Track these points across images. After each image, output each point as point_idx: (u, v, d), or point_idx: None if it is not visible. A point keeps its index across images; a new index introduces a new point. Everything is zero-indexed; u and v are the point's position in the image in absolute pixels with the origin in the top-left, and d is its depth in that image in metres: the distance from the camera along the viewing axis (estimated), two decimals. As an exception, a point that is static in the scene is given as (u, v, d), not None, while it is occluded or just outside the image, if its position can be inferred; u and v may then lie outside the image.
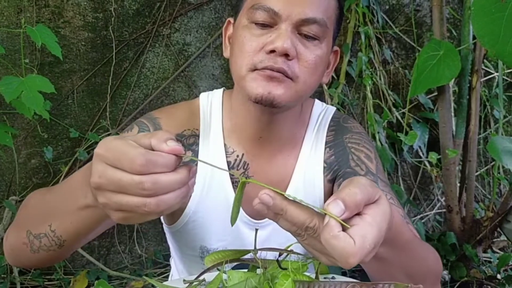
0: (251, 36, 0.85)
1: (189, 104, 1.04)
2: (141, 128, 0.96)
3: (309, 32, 0.84)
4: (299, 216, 0.54)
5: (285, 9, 0.83)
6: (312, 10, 0.84)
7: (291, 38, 0.82)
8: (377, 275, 0.76)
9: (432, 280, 0.83)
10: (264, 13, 0.83)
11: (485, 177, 2.62)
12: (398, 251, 0.70)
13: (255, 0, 0.86)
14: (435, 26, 1.83)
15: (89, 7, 2.19)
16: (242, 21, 0.88)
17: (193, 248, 1.02)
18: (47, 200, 0.79)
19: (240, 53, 0.86)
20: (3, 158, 2.20)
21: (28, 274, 2.23)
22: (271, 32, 0.84)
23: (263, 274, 0.68)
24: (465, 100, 1.88)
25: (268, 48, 0.82)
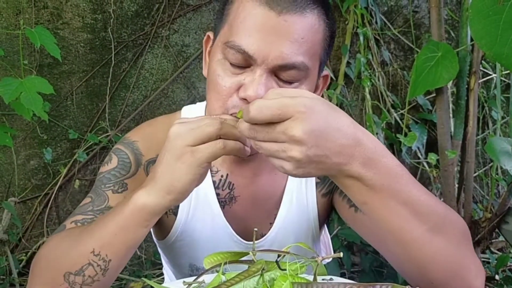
0: (224, 76, 0.79)
1: (169, 119, 0.99)
2: (120, 157, 0.92)
3: (287, 77, 0.78)
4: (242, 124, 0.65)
5: (260, 52, 0.75)
6: (291, 53, 0.75)
7: (265, 85, 0.76)
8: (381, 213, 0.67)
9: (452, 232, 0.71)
10: (238, 55, 0.76)
11: (483, 178, 2.63)
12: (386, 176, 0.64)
13: (230, 35, 0.78)
14: (433, 27, 1.83)
15: (88, 9, 2.20)
16: (217, 53, 0.81)
17: (182, 265, 1.01)
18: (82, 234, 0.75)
19: (214, 93, 0.81)
20: (2, 159, 2.20)
21: (27, 275, 2.23)
22: (246, 73, 0.78)
23: (262, 275, 0.68)
24: (463, 102, 1.88)
25: (240, 95, 0.77)
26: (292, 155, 0.60)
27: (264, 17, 0.75)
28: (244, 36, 0.76)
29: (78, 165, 2.28)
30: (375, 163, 0.63)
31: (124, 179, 0.89)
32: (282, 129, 0.59)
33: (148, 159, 0.93)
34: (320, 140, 0.60)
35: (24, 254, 2.28)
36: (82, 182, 2.32)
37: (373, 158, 0.63)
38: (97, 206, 0.86)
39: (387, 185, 0.65)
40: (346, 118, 0.63)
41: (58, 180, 2.26)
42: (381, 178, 0.64)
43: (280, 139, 0.60)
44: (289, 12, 0.74)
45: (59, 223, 2.32)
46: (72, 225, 0.83)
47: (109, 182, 0.88)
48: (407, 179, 0.68)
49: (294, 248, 0.72)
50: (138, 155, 0.93)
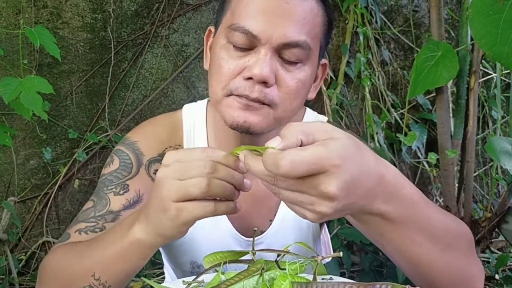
0: (228, 58, 0.80)
1: (170, 118, 1.00)
2: (121, 158, 0.92)
3: (291, 56, 0.79)
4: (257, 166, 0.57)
5: (264, 31, 0.77)
6: (294, 33, 0.77)
7: (270, 64, 0.77)
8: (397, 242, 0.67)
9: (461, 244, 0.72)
10: (242, 36, 0.78)
11: (483, 177, 2.63)
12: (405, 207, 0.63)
13: (233, 19, 0.80)
14: (433, 27, 1.84)
15: (88, 8, 2.19)
16: (220, 39, 0.82)
17: (184, 263, 1.01)
18: (85, 254, 0.76)
19: (216, 76, 0.82)
20: (1, 159, 2.20)
21: (27, 275, 2.23)
22: (249, 55, 0.79)
23: (261, 275, 0.68)
24: (463, 101, 1.88)
25: (245, 75, 0.78)
26: (321, 210, 0.55)
27: (266, 0, 0.77)
28: (248, 18, 0.78)
29: (77, 165, 2.28)
30: (395, 197, 0.62)
31: (125, 181, 0.90)
32: (314, 184, 0.54)
33: (149, 159, 0.93)
34: (351, 191, 0.56)
35: (23, 254, 2.28)
36: (81, 181, 2.32)
37: (394, 192, 0.62)
38: (99, 211, 0.86)
39: (405, 216, 0.64)
40: (371, 155, 0.60)
41: (57, 179, 2.26)
42: (400, 210, 0.63)
43: (310, 193, 0.55)
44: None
45: (58, 223, 2.32)
46: (76, 234, 0.84)
47: (111, 184, 0.89)
48: (423, 205, 0.67)
49: (294, 247, 0.72)
50: (139, 155, 0.93)
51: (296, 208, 0.58)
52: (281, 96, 0.80)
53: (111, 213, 0.86)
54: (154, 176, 0.93)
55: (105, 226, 0.84)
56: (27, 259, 2.28)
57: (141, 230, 0.69)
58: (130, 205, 0.87)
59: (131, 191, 0.89)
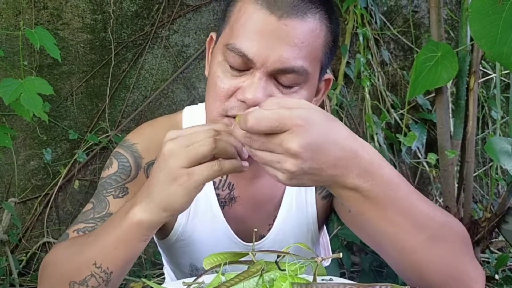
0: (223, 78, 0.79)
1: (170, 120, 1.00)
2: (120, 161, 0.92)
3: (286, 81, 0.77)
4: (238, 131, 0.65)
5: (259, 55, 0.74)
6: (290, 57, 0.75)
7: (264, 89, 0.75)
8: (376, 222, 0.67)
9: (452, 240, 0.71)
10: (238, 58, 0.76)
11: (483, 177, 2.63)
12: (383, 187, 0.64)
13: (230, 38, 0.78)
14: (432, 27, 1.84)
15: (88, 9, 2.20)
16: (218, 55, 0.81)
17: (183, 265, 1.02)
18: (86, 245, 0.77)
19: (212, 94, 0.81)
20: (2, 160, 2.20)
21: (27, 275, 2.23)
22: (245, 76, 0.77)
23: (261, 276, 0.68)
24: (463, 101, 1.88)
25: (239, 98, 0.77)
26: (286, 168, 0.60)
27: (264, 21, 0.74)
28: (244, 39, 0.75)
29: (78, 166, 2.28)
30: (372, 174, 0.64)
31: (124, 184, 0.90)
32: (279, 141, 0.60)
33: (147, 162, 0.93)
34: (316, 154, 0.60)
35: (24, 255, 2.28)
36: (82, 182, 2.32)
37: (370, 170, 0.64)
38: (98, 213, 0.87)
39: (384, 196, 0.65)
40: (344, 130, 0.64)
41: (58, 180, 2.26)
42: (378, 189, 0.64)
43: (276, 151, 0.61)
44: (290, 17, 0.74)
45: (59, 224, 2.32)
46: (75, 234, 0.85)
47: (110, 187, 0.89)
48: (405, 189, 0.68)
49: (293, 248, 0.72)
50: (138, 158, 0.93)
51: (268, 169, 0.64)
52: None
53: (110, 215, 0.86)
54: None
55: None
56: (28, 260, 2.28)
57: (142, 210, 0.70)
58: None
59: (130, 194, 0.89)
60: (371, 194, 0.64)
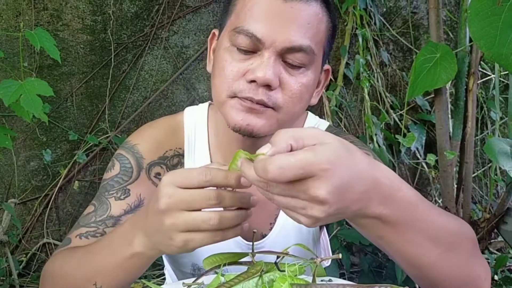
0: (232, 61, 0.80)
1: (171, 121, 0.99)
2: (121, 163, 0.92)
3: (294, 60, 0.79)
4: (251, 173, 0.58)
5: (268, 35, 0.77)
6: (298, 37, 0.77)
7: (273, 68, 0.77)
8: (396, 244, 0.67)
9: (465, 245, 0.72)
10: (246, 39, 0.77)
11: (482, 178, 2.63)
12: (403, 209, 0.64)
13: (237, 22, 0.79)
14: (432, 28, 1.84)
15: (88, 10, 2.20)
16: (224, 41, 0.82)
17: (185, 265, 1.01)
18: (85, 261, 0.77)
19: (220, 78, 0.81)
20: (2, 161, 2.20)
21: (27, 276, 2.23)
22: (253, 58, 0.79)
23: (261, 277, 0.68)
24: (462, 102, 1.88)
25: (249, 78, 0.78)
26: (312, 214, 0.56)
27: (271, 4, 0.77)
28: (252, 21, 0.78)
29: (77, 167, 2.28)
30: (392, 199, 0.62)
31: (126, 185, 0.90)
32: (304, 189, 0.55)
33: (149, 162, 0.94)
34: (342, 195, 0.56)
35: (24, 255, 2.28)
36: (81, 183, 2.32)
37: (390, 195, 0.62)
38: (99, 216, 0.87)
39: (403, 218, 0.64)
40: (363, 160, 0.60)
41: (58, 181, 2.26)
42: (398, 212, 0.63)
43: (300, 197, 0.56)
44: (295, 0, 0.77)
45: (59, 224, 2.32)
46: (77, 239, 0.85)
47: (112, 189, 0.90)
48: (422, 206, 0.67)
49: (293, 249, 0.73)
50: (139, 159, 0.93)
51: (290, 213, 0.59)
52: (284, 99, 0.80)
53: (111, 218, 0.87)
54: (155, 179, 0.94)
55: (105, 231, 0.85)
56: (28, 261, 2.28)
57: (142, 245, 0.70)
58: (131, 210, 0.88)
59: (132, 195, 0.89)
60: (391, 218, 0.63)
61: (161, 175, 0.94)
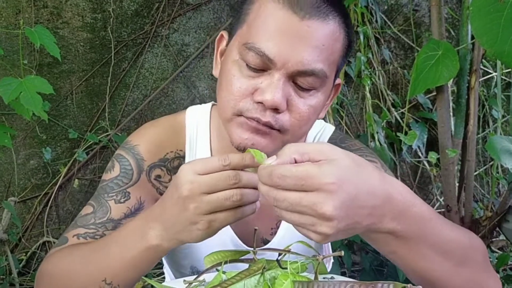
0: (240, 77, 0.76)
1: (172, 120, 0.97)
2: (121, 164, 0.90)
3: (305, 84, 0.75)
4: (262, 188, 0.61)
5: (280, 56, 0.72)
6: (311, 60, 0.73)
7: (283, 90, 0.73)
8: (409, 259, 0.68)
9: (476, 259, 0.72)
10: (257, 57, 0.73)
11: (484, 176, 2.63)
12: (415, 224, 0.64)
13: (249, 37, 0.75)
14: (433, 26, 1.83)
15: (88, 8, 2.19)
16: (234, 53, 0.78)
17: (184, 266, 1.00)
18: (91, 259, 0.76)
19: (227, 93, 0.78)
20: (2, 159, 2.20)
21: (27, 275, 2.23)
22: (263, 77, 0.75)
23: (262, 274, 0.68)
24: (464, 100, 1.88)
25: (257, 99, 0.74)
26: (321, 231, 0.56)
27: (286, 21, 0.73)
28: (264, 38, 0.73)
29: (77, 165, 2.27)
30: (405, 215, 0.62)
31: (126, 188, 0.89)
32: (309, 204, 0.55)
33: (150, 164, 0.92)
34: (351, 210, 0.57)
35: (24, 254, 2.28)
36: (81, 181, 2.32)
37: (403, 210, 0.62)
38: (99, 218, 0.86)
39: (416, 234, 0.64)
40: (375, 175, 0.60)
41: (58, 179, 2.26)
42: (411, 228, 0.63)
43: (308, 213, 0.56)
44: (312, 18, 0.72)
45: (59, 223, 2.32)
46: (75, 239, 0.84)
47: (112, 191, 0.88)
48: (434, 221, 0.67)
49: (295, 245, 0.72)
50: (140, 161, 0.91)
51: (300, 230, 0.60)
52: (292, 122, 0.77)
53: (111, 221, 0.85)
54: (155, 181, 0.92)
55: (105, 233, 0.84)
56: (28, 259, 2.28)
57: (160, 238, 0.70)
58: (132, 213, 0.87)
59: (132, 198, 0.88)
60: (404, 234, 0.63)
61: (161, 178, 0.93)
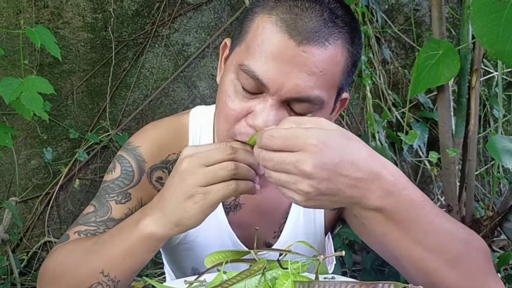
0: (234, 98, 0.75)
1: (176, 122, 0.96)
2: (123, 165, 0.91)
3: (299, 110, 0.74)
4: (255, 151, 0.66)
5: (274, 82, 0.70)
6: (307, 87, 0.71)
7: (276, 115, 0.72)
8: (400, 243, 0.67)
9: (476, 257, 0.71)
10: (252, 80, 0.72)
11: (485, 176, 2.62)
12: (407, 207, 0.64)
13: (245, 58, 0.73)
14: (434, 25, 1.83)
15: (88, 8, 2.19)
16: (231, 72, 0.77)
17: (185, 268, 1.00)
18: (91, 251, 0.77)
19: (221, 114, 0.78)
20: (3, 159, 2.20)
21: (29, 275, 2.23)
22: (257, 100, 0.74)
23: (263, 274, 0.68)
24: (465, 100, 1.87)
25: (249, 122, 0.74)
26: (302, 188, 0.60)
27: (282, 46, 0.70)
28: (259, 61, 0.71)
29: (78, 165, 2.28)
30: (395, 196, 0.64)
31: (127, 189, 0.89)
32: (293, 161, 0.60)
33: (151, 166, 0.92)
34: (332, 174, 0.60)
35: (25, 254, 2.28)
36: (82, 181, 2.32)
37: (393, 191, 0.64)
38: (100, 217, 0.86)
39: (407, 217, 0.65)
40: (363, 151, 0.63)
41: (59, 179, 2.26)
42: (401, 210, 0.64)
43: (291, 171, 0.60)
44: (310, 43, 0.70)
45: (60, 223, 2.32)
46: (76, 235, 0.85)
47: (113, 192, 0.88)
48: (429, 209, 0.67)
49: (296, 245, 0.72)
50: (141, 162, 0.91)
51: (284, 191, 0.64)
52: None
53: (112, 220, 0.86)
54: (156, 183, 0.92)
55: (105, 231, 0.84)
56: (29, 259, 2.28)
57: (154, 223, 0.71)
58: (132, 214, 0.86)
59: (133, 199, 0.89)
60: (394, 215, 0.64)
61: (162, 179, 0.93)
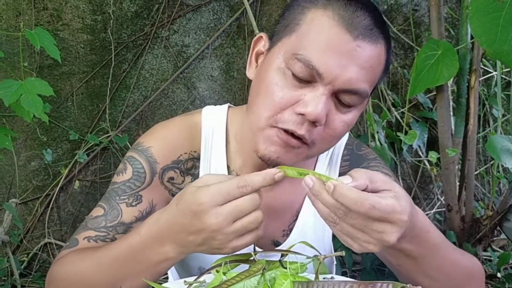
0: (283, 87, 0.76)
1: (187, 121, 0.95)
2: (134, 167, 0.89)
3: (347, 101, 0.76)
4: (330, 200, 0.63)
5: (330, 72, 0.73)
6: (358, 79, 0.74)
7: (325, 105, 0.74)
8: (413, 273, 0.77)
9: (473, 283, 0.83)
10: (306, 69, 0.73)
11: (484, 176, 2.62)
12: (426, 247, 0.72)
13: (300, 48, 0.75)
14: (433, 25, 1.84)
15: (88, 10, 2.20)
16: (278, 60, 0.77)
17: (191, 267, 0.99)
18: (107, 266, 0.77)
19: (265, 100, 0.77)
20: (3, 161, 2.20)
21: (29, 276, 2.23)
22: (307, 88, 0.75)
23: (263, 275, 0.68)
24: (464, 99, 1.88)
25: (298, 110, 0.74)
26: (370, 249, 0.64)
27: (339, 39, 0.73)
28: (316, 52, 0.73)
29: (78, 166, 2.28)
30: (418, 239, 0.71)
31: (139, 191, 0.88)
32: (378, 230, 0.62)
33: (163, 166, 0.90)
34: None
35: (25, 255, 2.28)
36: (82, 183, 2.32)
37: (419, 235, 0.70)
38: (110, 221, 0.85)
39: (424, 255, 0.73)
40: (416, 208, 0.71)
41: (59, 181, 2.26)
42: (421, 250, 0.72)
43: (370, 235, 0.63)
44: (365, 39, 0.74)
45: (60, 224, 2.32)
46: (85, 241, 0.84)
47: (124, 194, 0.87)
48: (442, 246, 0.76)
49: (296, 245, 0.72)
50: (153, 163, 0.89)
51: (345, 238, 0.65)
52: (323, 136, 0.78)
53: (122, 224, 0.85)
54: (168, 184, 0.91)
55: (115, 237, 0.83)
56: (29, 261, 2.28)
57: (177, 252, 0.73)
58: (143, 217, 0.86)
59: (144, 202, 0.87)
60: (413, 254, 0.72)
61: (174, 179, 0.91)
